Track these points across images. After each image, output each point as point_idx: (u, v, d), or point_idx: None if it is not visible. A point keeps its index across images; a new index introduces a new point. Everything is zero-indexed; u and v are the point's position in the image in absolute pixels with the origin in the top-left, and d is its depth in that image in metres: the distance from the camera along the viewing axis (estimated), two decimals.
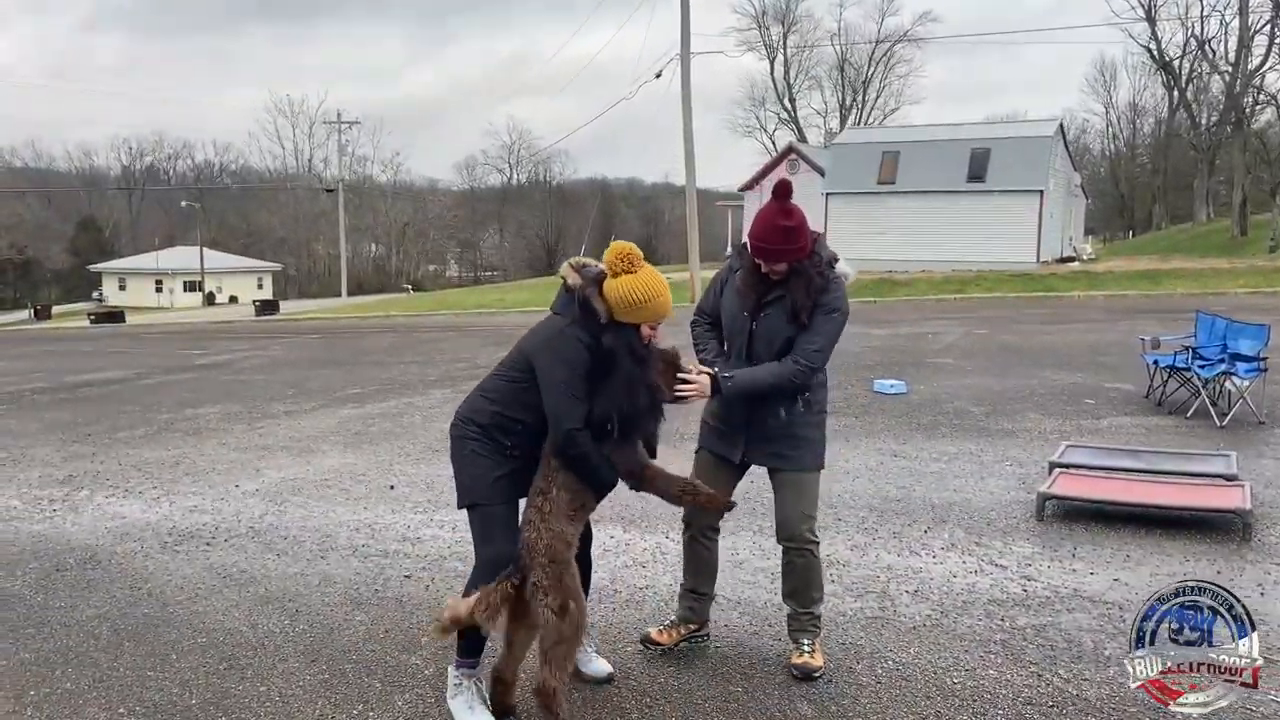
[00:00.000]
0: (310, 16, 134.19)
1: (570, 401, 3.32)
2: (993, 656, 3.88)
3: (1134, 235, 62.21)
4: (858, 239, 32.09)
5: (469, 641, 3.50)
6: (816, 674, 3.73)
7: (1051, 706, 3.48)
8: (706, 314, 3.96)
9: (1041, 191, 29.91)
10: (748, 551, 5.27)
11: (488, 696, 3.49)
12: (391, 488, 6.95)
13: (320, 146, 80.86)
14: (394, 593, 4.80)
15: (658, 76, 30.49)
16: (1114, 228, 70.33)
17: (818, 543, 3.80)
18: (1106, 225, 69.97)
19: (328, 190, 62.98)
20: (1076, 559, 5.03)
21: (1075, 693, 3.57)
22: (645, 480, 3.48)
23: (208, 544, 5.71)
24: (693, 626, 4.01)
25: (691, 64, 28.93)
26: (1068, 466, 6.29)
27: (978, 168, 30.67)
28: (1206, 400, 8.38)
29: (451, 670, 3.55)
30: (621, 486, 3.49)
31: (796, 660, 3.78)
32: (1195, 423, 8.32)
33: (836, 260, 3.70)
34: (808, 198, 39.72)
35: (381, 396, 11.47)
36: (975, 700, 3.53)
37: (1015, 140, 31.19)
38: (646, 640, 4.00)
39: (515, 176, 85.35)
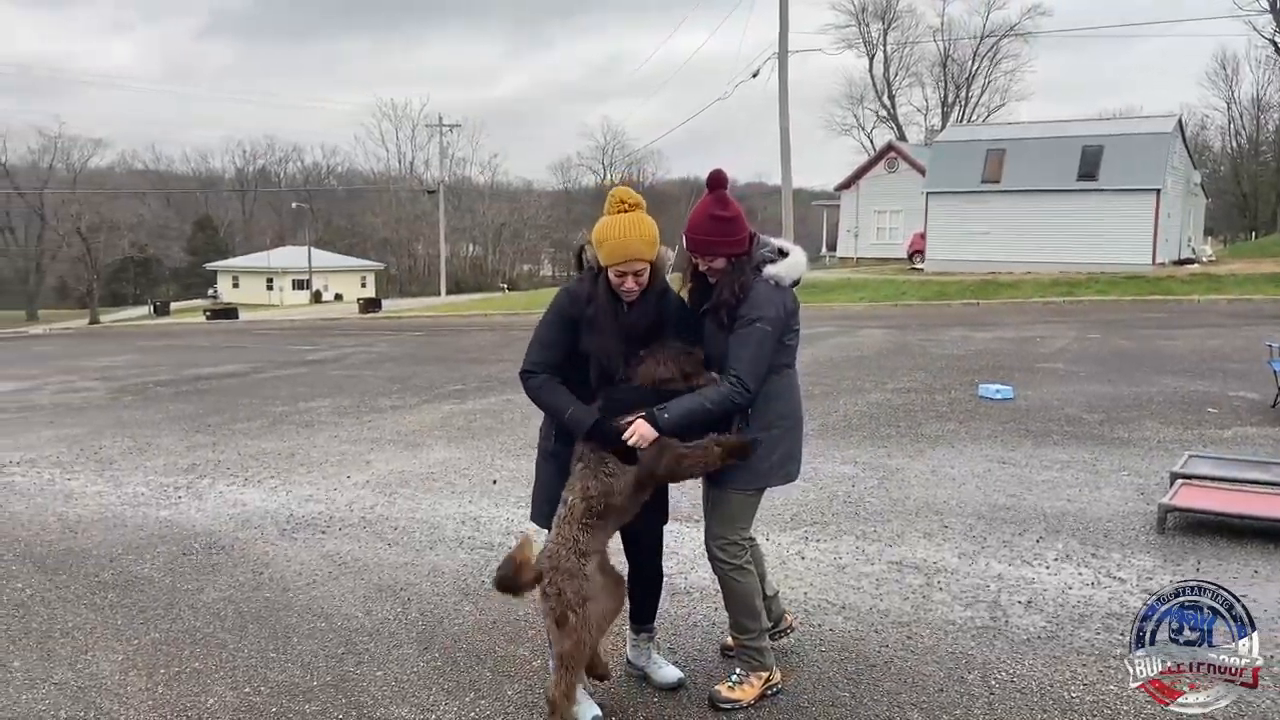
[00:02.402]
0: (414, 21, 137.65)
1: (533, 343, 3.44)
2: (1113, 671, 3.75)
3: (1257, 236, 59.11)
4: (960, 239, 31.38)
5: None
6: (725, 705, 3.51)
7: None
8: None
9: (1158, 190, 28.69)
10: (850, 556, 5.21)
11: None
12: (494, 482, 7.09)
13: (422, 149, 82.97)
14: None
15: (754, 76, 30.35)
16: (1235, 228, 66.96)
17: (735, 566, 3.52)
18: (1227, 226, 66.65)
19: (429, 192, 64.45)
20: (1200, 574, 4.81)
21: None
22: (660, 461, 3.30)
23: (323, 532, 5.92)
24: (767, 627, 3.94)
25: (789, 62, 28.72)
26: (1191, 477, 6.02)
27: (1089, 165, 29.57)
28: None
29: (550, 663, 3.62)
30: None
31: (716, 685, 3.61)
32: None
33: (770, 263, 3.44)
34: (908, 197, 39.24)
35: (482, 393, 11.69)
36: (1095, 715, 3.42)
37: (1130, 137, 29.97)
38: (725, 649, 3.95)
39: (609, 177, 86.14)
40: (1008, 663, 3.86)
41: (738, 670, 3.62)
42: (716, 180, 3.42)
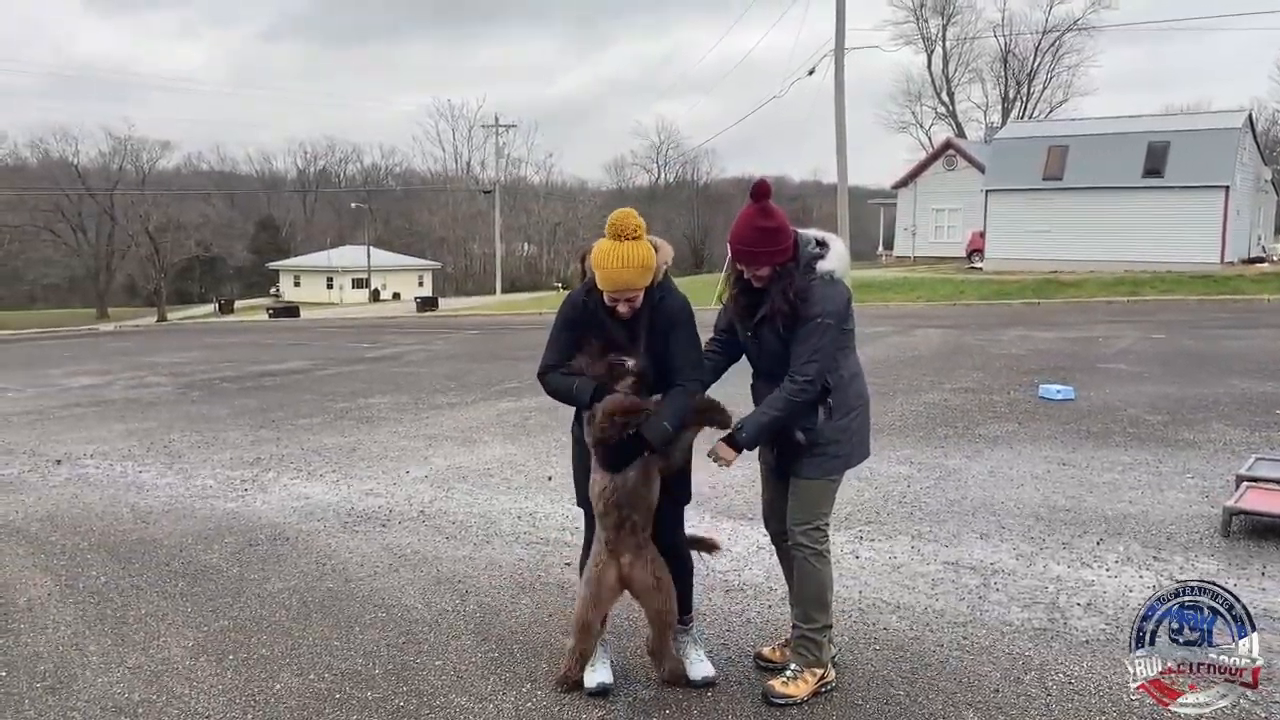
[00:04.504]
0: (472, 23, 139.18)
1: (547, 347, 3.71)
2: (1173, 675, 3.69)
3: None
4: (1020, 237, 30.87)
5: None
6: (779, 700, 3.52)
7: None
8: (721, 331, 3.82)
9: (1227, 187, 27.93)
10: (905, 555, 5.19)
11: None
12: (549, 479, 7.17)
13: (478, 149, 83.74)
14: (555, 579, 4.97)
15: (810, 73, 30.10)
16: None
17: (816, 551, 3.60)
18: None
19: (485, 192, 65.16)
20: (1266, 578, 4.72)
21: (1264, 716, 3.37)
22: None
23: (383, 525, 6.05)
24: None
25: (845, 59, 28.46)
26: (1257, 480, 5.87)
27: (1155, 162, 28.89)
28: None
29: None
30: None
31: (770, 680, 3.61)
32: None
33: (820, 259, 3.48)
34: (966, 195, 38.68)
35: (537, 391, 11.69)
36: (1155, 718, 3.37)
37: (1198, 133, 29.23)
38: (760, 658, 3.90)
39: (663, 176, 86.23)
40: (1066, 664, 3.82)
41: (792, 666, 3.64)
42: (761, 190, 3.44)
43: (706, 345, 3.79)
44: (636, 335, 3.59)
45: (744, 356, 3.78)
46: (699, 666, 3.76)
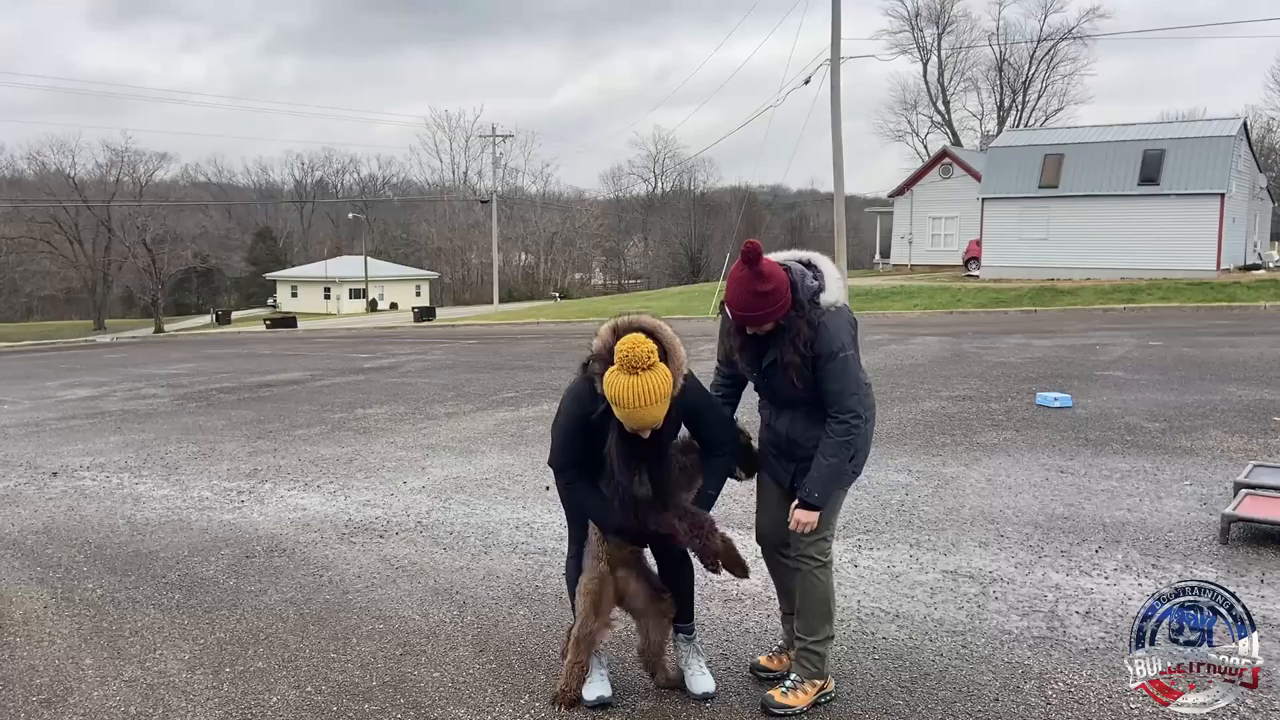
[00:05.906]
0: (470, 34, 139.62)
1: (555, 446, 3.55)
2: None
3: None
4: (1016, 245, 30.96)
5: None
6: (779, 711, 3.52)
7: None
8: (724, 364, 3.77)
9: (1222, 195, 28.02)
10: (904, 565, 5.18)
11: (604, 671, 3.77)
12: (547, 489, 7.14)
13: (475, 160, 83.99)
14: (553, 589, 4.95)
15: (806, 82, 30.16)
16: None
17: (822, 564, 3.58)
18: None
19: (482, 202, 65.17)
20: (1265, 585, 4.71)
21: None
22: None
23: (380, 536, 6.03)
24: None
25: (841, 68, 28.54)
26: (1255, 487, 5.87)
27: (1151, 169, 29.00)
28: None
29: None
30: None
31: (769, 691, 3.61)
32: None
33: (821, 291, 3.41)
34: (963, 203, 38.73)
35: (535, 400, 11.80)
36: None
37: (1193, 140, 29.32)
38: (756, 668, 3.90)
39: (660, 185, 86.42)
40: (1065, 673, 3.82)
41: (792, 676, 3.63)
42: (751, 254, 3.31)
43: (713, 386, 3.77)
44: (668, 438, 3.48)
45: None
46: (700, 680, 3.74)
